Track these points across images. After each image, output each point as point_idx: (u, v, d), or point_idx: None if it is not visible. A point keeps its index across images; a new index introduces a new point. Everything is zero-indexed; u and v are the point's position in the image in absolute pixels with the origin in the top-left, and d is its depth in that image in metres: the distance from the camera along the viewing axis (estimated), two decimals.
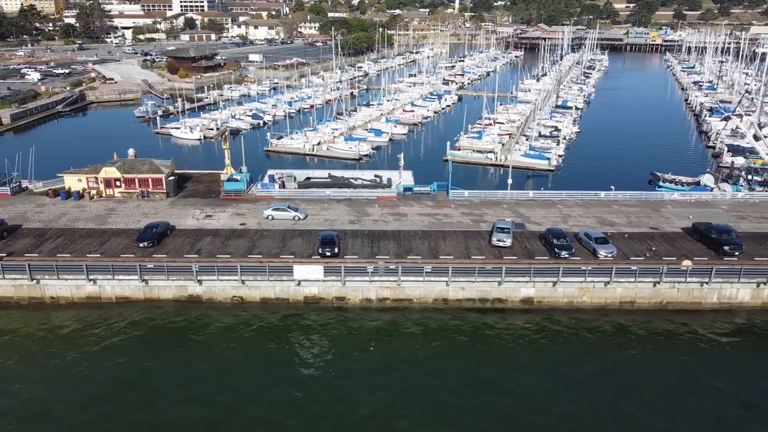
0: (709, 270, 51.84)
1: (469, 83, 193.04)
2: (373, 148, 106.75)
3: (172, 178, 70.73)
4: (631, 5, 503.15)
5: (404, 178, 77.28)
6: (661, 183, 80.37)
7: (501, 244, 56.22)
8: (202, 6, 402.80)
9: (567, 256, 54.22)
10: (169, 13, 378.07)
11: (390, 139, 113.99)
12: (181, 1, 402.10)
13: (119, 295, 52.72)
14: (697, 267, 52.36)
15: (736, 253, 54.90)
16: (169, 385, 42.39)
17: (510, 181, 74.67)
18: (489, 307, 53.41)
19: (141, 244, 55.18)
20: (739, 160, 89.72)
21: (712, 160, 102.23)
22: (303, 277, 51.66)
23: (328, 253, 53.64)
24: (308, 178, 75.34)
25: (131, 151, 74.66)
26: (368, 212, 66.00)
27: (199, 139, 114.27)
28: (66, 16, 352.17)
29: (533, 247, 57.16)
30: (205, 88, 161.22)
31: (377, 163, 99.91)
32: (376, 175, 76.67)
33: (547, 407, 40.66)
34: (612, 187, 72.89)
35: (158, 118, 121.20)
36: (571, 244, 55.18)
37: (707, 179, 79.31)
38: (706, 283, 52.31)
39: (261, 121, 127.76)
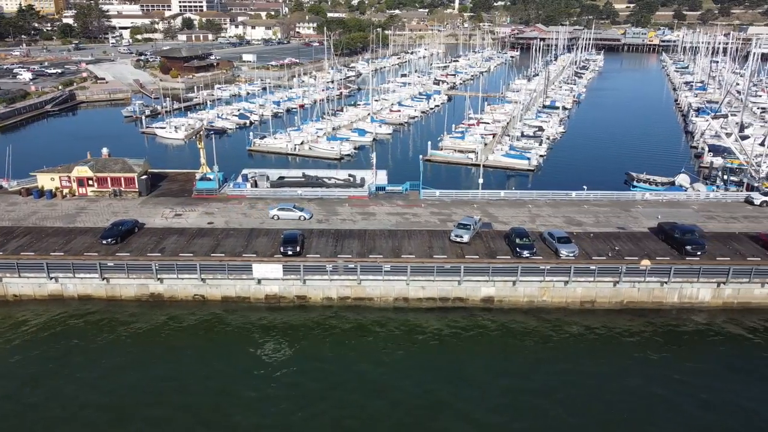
0: (668, 270, 51.82)
1: (461, 83, 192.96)
2: (355, 148, 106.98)
3: (144, 177, 71.05)
4: (632, 6, 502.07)
5: (378, 177, 77.45)
6: (635, 183, 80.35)
7: (458, 239, 56.63)
8: (201, 6, 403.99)
9: (528, 255, 54.30)
10: (168, 14, 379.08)
11: (374, 139, 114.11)
12: (180, 2, 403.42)
13: (81, 293, 53.07)
14: (657, 267, 52.40)
15: (698, 253, 54.88)
16: (129, 386, 42.47)
17: (481, 180, 74.83)
18: (450, 306, 53.59)
19: (104, 241, 55.55)
20: (718, 161, 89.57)
21: (694, 160, 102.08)
22: (262, 276, 51.91)
23: (290, 252, 53.86)
24: (281, 178, 75.61)
25: (105, 151, 74.97)
26: (338, 211, 66.18)
27: (184, 139, 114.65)
28: (65, 17, 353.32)
29: (497, 246, 57.25)
30: (196, 88, 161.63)
31: (360, 163, 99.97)
32: (350, 175, 76.84)
33: (504, 408, 40.68)
34: (584, 187, 72.93)
35: (144, 118, 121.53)
36: (533, 244, 55.27)
37: (682, 179, 79.27)
38: (666, 282, 52.34)
39: (248, 121, 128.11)
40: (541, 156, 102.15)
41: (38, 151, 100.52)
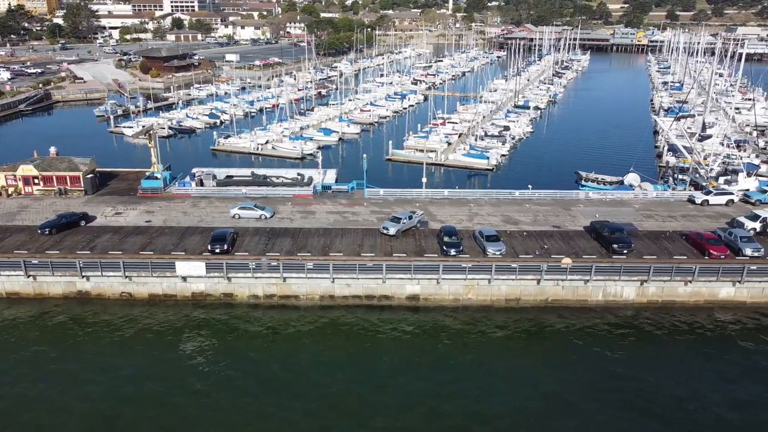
0: (589, 268, 52.14)
1: (440, 83, 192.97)
2: (319, 148, 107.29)
3: (90, 175, 71.41)
4: (626, 6, 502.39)
5: (327, 176, 77.88)
6: (583, 182, 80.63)
7: (385, 231, 57.79)
8: (193, 6, 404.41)
9: (455, 253, 54.65)
10: (160, 13, 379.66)
11: (340, 139, 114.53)
12: (171, 2, 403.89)
13: (9, 291, 53.44)
14: (579, 265, 52.72)
15: (625, 252, 55.19)
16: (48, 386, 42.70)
17: (424, 180, 75.08)
18: (376, 304, 53.90)
19: (39, 231, 57.05)
20: (674, 160, 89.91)
21: (657, 159, 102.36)
22: (186, 274, 52.26)
23: (217, 250, 54.24)
24: (229, 176, 76.00)
25: (52, 149, 75.37)
26: (279, 210, 66.45)
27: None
28: (56, 17, 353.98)
29: (427, 244, 57.56)
30: (172, 87, 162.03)
31: (325, 162, 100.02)
32: (298, 174, 77.18)
33: (429, 405, 40.97)
34: (529, 186, 73.33)
35: (112, 117, 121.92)
36: (461, 242, 55.59)
37: (631, 178, 79.53)
38: (588, 281, 52.65)
39: (218, 120, 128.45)
40: (503, 155, 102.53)
41: (2, 150, 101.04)
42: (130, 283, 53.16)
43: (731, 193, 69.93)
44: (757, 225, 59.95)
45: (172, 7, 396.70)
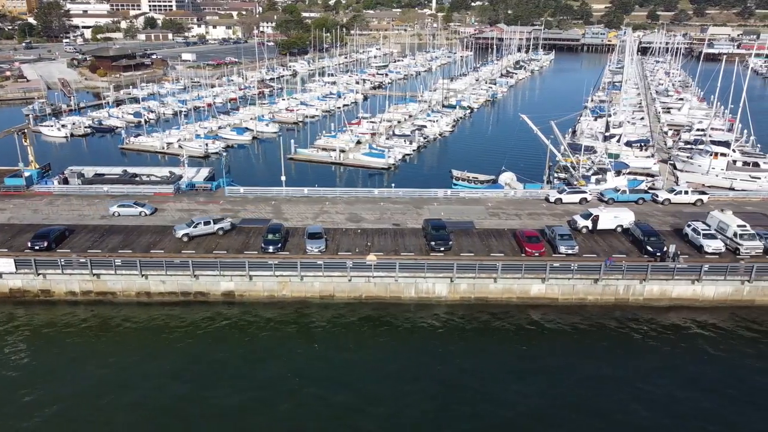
0: (393, 265, 52.83)
1: (390, 83, 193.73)
2: (229, 146, 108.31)
3: None
4: (610, 6, 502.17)
5: (200, 174, 78.67)
6: (455, 181, 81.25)
7: (174, 233, 58.88)
8: (170, 6, 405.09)
9: (273, 250, 55.35)
10: (134, 13, 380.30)
11: (254, 138, 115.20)
12: (149, 1, 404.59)
13: None
14: (383, 262, 53.40)
15: (442, 249, 55.90)
16: None
17: (284, 178, 75.67)
18: (192, 300, 54.57)
19: None
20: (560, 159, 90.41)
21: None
22: None
23: (37, 247, 54.99)
24: (98, 174, 76.70)
25: None
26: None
27: (66, 137, 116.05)
28: (30, 16, 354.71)
29: (255, 242, 58.21)
30: (113, 86, 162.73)
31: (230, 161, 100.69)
32: (170, 172, 77.90)
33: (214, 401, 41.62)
34: (393, 184, 74.01)
35: (32, 117, 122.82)
36: (279, 240, 56.24)
37: (505, 177, 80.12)
38: (393, 278, 53.30)
39: (142, 120, 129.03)
40: (407, 155, 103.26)
41: None
42: None
43: (584, 192, 70.57)
44: (589, 223, 60.61)
45: (150, 6, 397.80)
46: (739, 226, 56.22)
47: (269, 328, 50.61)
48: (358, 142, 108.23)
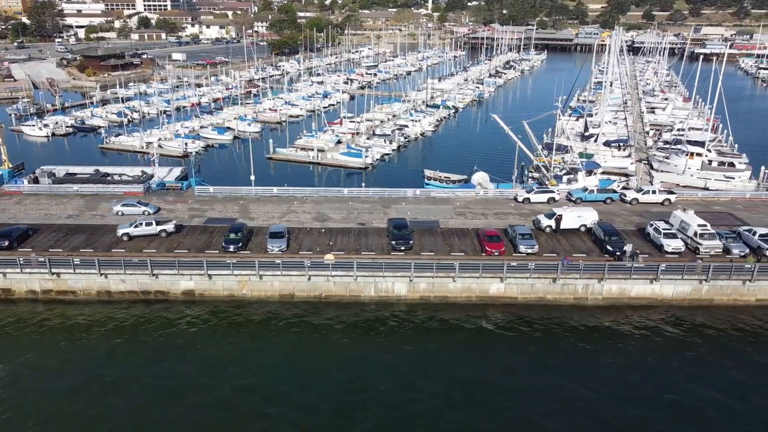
0: (351, 264, 52.95)
1: (378, 83, 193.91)
2: (208, 146, 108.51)
3: None
4: (606, 6, 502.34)
5: (172, 173, 78.82)
6: (428, 180, 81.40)
7: (117, 232, 58.99)
8: (165, 5, 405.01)
9: (233, 250, 55.50)
10: (130, 12, 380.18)
11: (235, 137, 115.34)
12: (144, 1, 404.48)
13: None
14: (341, 261, 53.52)
15: (402, 248, 56.04)
16: None
17: (253, 177, 75.81)
18: (153, 299, 54.65)
19: None
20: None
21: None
22: None
23: None
24: (70, 174, 76.80)
25: None
26: (98, 208, 67.24)
27: (47, 136, 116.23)
28: (25, 15, 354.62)
29: (218, 241, 58.31)
30: (99, 86, 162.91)
31: (205, 160, 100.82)
32: (142, 171, 78.05)
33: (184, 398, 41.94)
34: (363, 184, 74.11)
35: (13, 116, 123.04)
36: (241, 239, 56.36)
37: (478, 177, 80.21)
38: (352, 277, 53.40)
39: (126, 119, 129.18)
40: (386, 155, 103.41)
41: None
42: None
43: (553, 192, 70.69)
44: (552, 222, 60.76)
45: (144, 6, 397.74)
46: (699, 225, 56.37)
47: (226, 327, 50.67)
48: (339, 142, 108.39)
